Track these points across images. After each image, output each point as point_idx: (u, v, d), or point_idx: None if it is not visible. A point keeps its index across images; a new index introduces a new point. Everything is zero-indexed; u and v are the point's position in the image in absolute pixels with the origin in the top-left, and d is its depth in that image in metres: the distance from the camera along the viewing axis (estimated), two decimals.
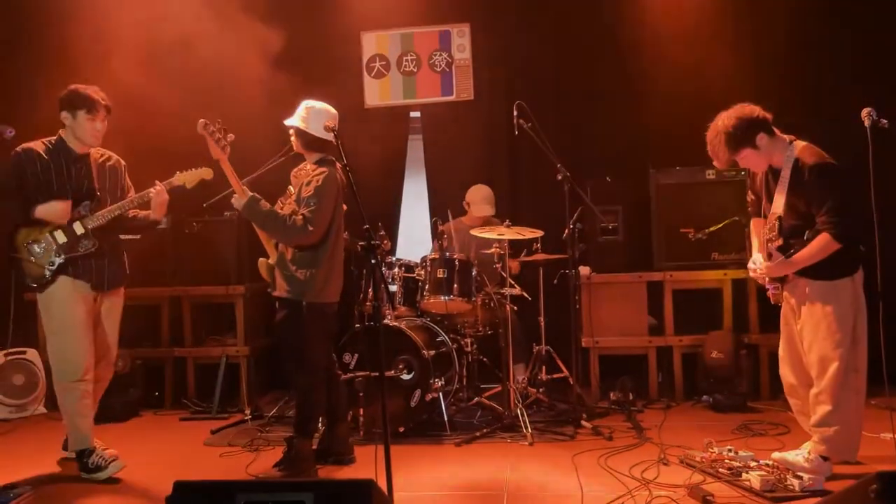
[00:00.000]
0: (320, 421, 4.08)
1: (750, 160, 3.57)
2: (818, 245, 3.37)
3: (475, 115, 6.16)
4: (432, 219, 5.48)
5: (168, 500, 2.35)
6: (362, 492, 2.29)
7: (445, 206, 5.83)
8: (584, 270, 5.26)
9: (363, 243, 3.10)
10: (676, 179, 5.32)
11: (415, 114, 6.30)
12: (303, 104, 3.90)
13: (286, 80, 5.53)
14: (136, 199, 4.05)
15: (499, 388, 4.93)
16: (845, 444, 3.46)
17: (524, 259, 5.24)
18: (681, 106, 5.48)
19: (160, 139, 5.47)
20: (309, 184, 3.77)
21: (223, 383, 5.35)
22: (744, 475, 3.39)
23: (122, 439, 4.60)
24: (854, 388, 3.43)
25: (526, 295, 5.12)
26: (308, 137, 3.84)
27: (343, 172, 3.77)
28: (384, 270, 4.77)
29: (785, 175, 3.48)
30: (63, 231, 3.90)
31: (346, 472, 3.90)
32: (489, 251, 5.01)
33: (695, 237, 5.10)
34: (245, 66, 6.01)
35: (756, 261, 3.63)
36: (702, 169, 5.22)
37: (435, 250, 4.93)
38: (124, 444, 4.45)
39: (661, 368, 5.34)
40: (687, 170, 5.30)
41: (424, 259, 4.86)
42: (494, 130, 6.00)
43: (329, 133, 3.62)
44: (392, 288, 4.79)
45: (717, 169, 5.11)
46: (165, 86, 5.83)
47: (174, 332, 5.69)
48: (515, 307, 5.13)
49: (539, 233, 4.87)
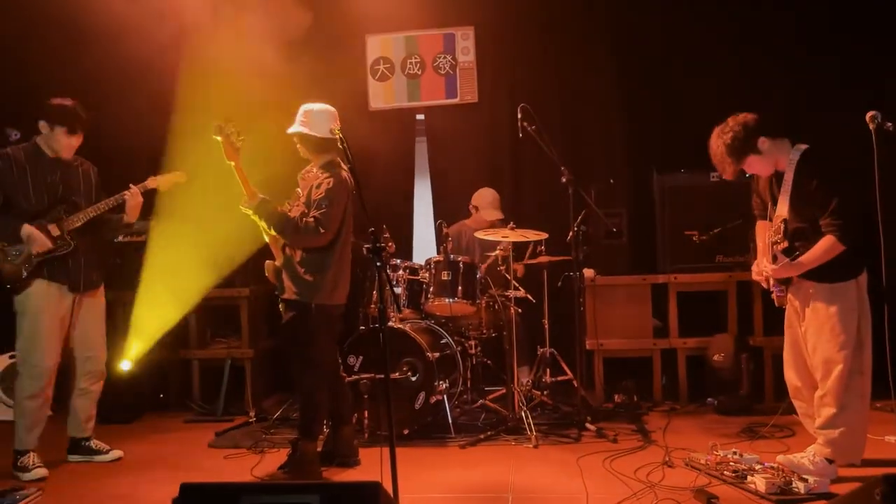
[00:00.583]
0: (325, 423, 4.08)
1: (756, 166, 3.57)
2: (823, 247, 3.37)
3: (479, 118, 6.16)
4: (436, 221, 5.48)
5: (174, 502, 2.35)
6: (368, 494, 2.30)
7: (450, 209, 5.86)
8: (589, 273, 5.26)
9: (368, 246, 3.10)
10: (680, 182, 5.32)
11: (419, 116, 6.31)
12: (301, 109, 3.89)
13: (290, 83, 5.54)
14: (112, 202, 4.14)
15: (503, 391, 4.94)
16: (850, 447, 3.45)
17: (528, 262, 5.24)
18: (685, 109, 5.48)
19: (161, 140, 5.50)
20: (319, 186, 3.78)
21: (228, 385, 5.36)
22: (749, 478, 3.39)
23: (127, 441, 4.62)
24: (859, 391, 3.43)
25: (530, 297, 5.13)
26: (313, 140, 3.84)
27: (349, 174, 3.77)
28: (388, 272, 4.78)
29: (788, 178, 3.48)
30: (39, 232, 3.97)
31: (352, 475, 3.90)
32: (493, 254, 5.01)
33: (699, 239, 5.10)
34: (248, 69, 6.03)
35: (761, 264, 3.63)
36: (706, 172, 5.20)
37: (439, 253, 4.94)
38: (129, 446, 4.49)
39: (666, 371, 5.34)
40: (691, 172, 5.29)
41: (429, 261, 4.87)
42: (498, 133, 6.01)
43: (334, 135, 3.62)
44: (396, 290, 4.79)
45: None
46: (166, 86, 5.86)
47: (179, 334, 5.69)
48: (520, 309, 5.13)
49: (543, 235, 4.87)
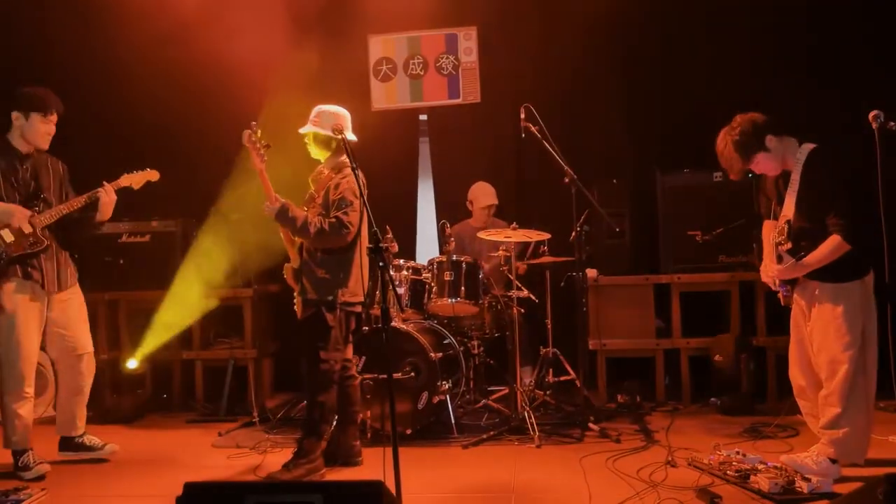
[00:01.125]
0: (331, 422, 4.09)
1: (764, 164, 3.56)
2: (829, 247, 3.36)
3: (482, 118, 6.17)
4: (439, 221, 5.49)
5: (179, 501, 2.36)
6: (371, 493, 2.30)
7: (452, 209, 5.86)
8: (591, 273, 5.26)
9: (371, 246, 3.10)
10: (683, 182, 5.32)
11: (422, 117, 6.31)
12: (315, 109, 3.92)
13: (293, 84, 5.55)
14: (84, 199, 4.10)
15: (506, 391, 4.94)
16: (854, 447, 3.45)
17: (531, 262, 5.24)
18: (688, 108, 5.48)
19: (164, 140, 5.52)
20: (337, 187, 3.81)
21: (231, 385, 5.37)
22: (752, 478, 3.38)
23: (131, 440, 4.64)
24: (863, 391, 3.43)
25: (533, 297, 5.13)
26: (323, 140, 3.87)
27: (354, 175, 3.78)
28: (391, 273, 4.78)
29: (795, 178, 3.48)
30: (10, 230, 3.93)
31: (355, 474, 3.91)
32: (497, 254, 5.01)
33: (702, 239, 5.09)
34: (251, 69, 6.04)
35: (767, 264, 3.63)
36: (709, 171, 5.22)
37: (442, 253, 4.94)
38: (133, 446, 4.50)
39: (669, 371, 5.34)
40: (694, 172, 5.29)
41: (432, 261, 4.87)
42: (501, 133, 6.01)
43: (337, 134, 3.64)
44: (399, 290, 4.79)
45: (725, 172, 5.13)
46: (167, 87, 5.88)
47: (182, 335, 5.71)
48: (522, 310, 5.13)
49: (546, 235, 4.87)
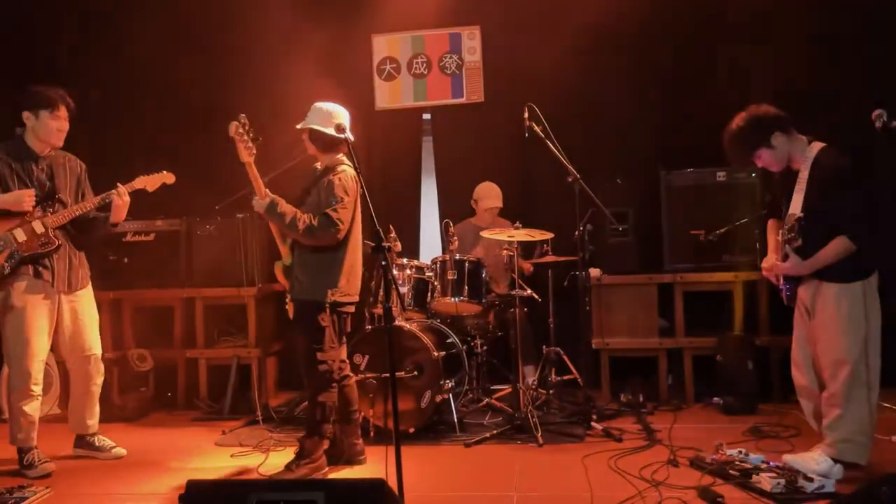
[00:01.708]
0: (332, 421, 4.10)
1: (766, 160, 3.56)
2: (835, 246, 3.36)
3: (485, 118, 6.16)
4: (442, 220, 5.50)
5: (181, 499, 2.38)
6: (373, 491, 2.32)
7: (456, 208, 5.87)
8: (595, 272, 5.26)
9: (373, 244, 3.11)
10: (687, 181, 5.30)
11: (425, 116, 6.32)
12: (313, 106, 3.91)
13: (296, 83, 5.57)
14: (98, 201, 4.11)
15: (509, 390, 4.94)
16: (856, 447, 3.44)
17: (534, 261, 5.24)
18: (692, 107, 5.47)
19: (168, 140, 5.54)
20: (328, 184, 3.79)
21: (235, 384, 5.39)
22: (754, 477, 3.38)
23: (135, 438, 4.66)
24: (866, 392, 3.42)
25: (536, 296, 5.13)
26: (324, 138, 3.85)
27: (356, 173, 3.78)
28: (394, 272, 4.79)
29: (803, 176, 3.47)
30: (23, 229, 3.96)
31: (357, 473, 3.92)
32: (502, 252, 5.01)
33: (705, 239, 5.09)
34: (254, 69, 6.07)
35: (771, 261, 3.62)
36: (713, 171, 5.21)
37: (445, 252, 4.95)
38: (137, 444, 4.52)
39: (672, 370, 5.33)
40: (698, 171, 5.29)
41: (435, 260, 4.88)
42: (505, 132, 5.99)
43: (341, 133, 3.63)
44: (402, 289, 4.80)
45: (730, 171, 5.14)
46: (172, 86, 5.90)
47: (187, 334, 5.74)
48: (525, 309, 5.13)
49: (549, 234, 4.87)
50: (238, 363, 5.45)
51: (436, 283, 4.80)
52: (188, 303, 5.71)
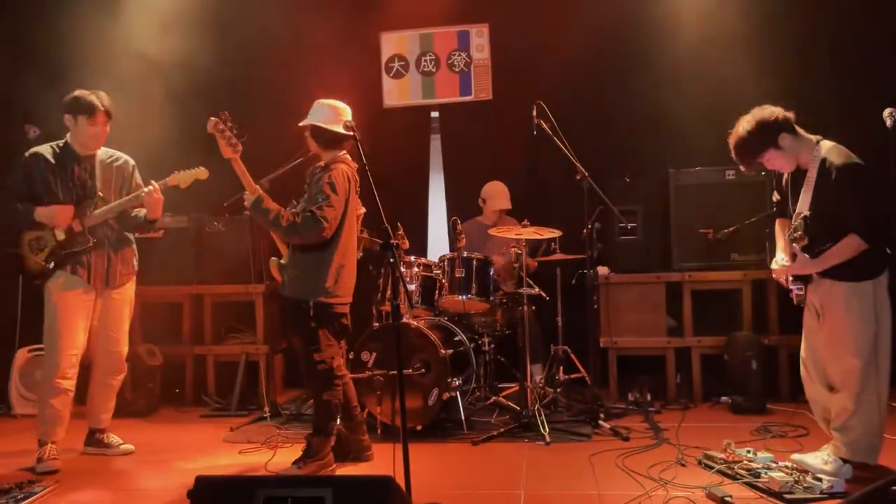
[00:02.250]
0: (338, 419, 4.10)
1: (775, 161, 3.54)
2: (844, 245, 3.33)
3: (493, 115, 6.16)
4: (450, 218, 5.50)
5: (189, 495, 2.38)
6: (380, 488, 2.31)
7: (464, 206, 5.86)
8: (603, 270, 5.25)
9: (381, 242, 3.11)
10: (696, 180, 5.29)
11: (434, 114, 6.32)
12: (316, 103, 3.92)
13: (305, 81, 5.57)
14: (131, 199, 4.18)
15: (516, 388, 4.94)
16: (866, 447, 3.42)
17: (542, 259, 5.24)
18: (701, 105, 5.44)
19: (173, 139, 5.55)
20: (319, 181, 3.78)
21: (242, 381, 5.41)
22: (763, 477, 3.37)
23: (144, 434, 4.68)
24: (875, 391, 3.40)
25: (544, 295, 5.12)
26: (326, 135, 3.84)
27: (361, 171, 3.78)
28: (402, 269, 4.79)
29: (811, 175, 3.44)
30: (61, 228, 4.07)
31: (365, 469, 3.92)
32: (507, 251, 5.01)
33: (714, 238, 5.07)
34: (263, 67, 6.07)
35: (779, 260, 3.61)
36: (722, 169, 5.19)
37: (453, 250, 4.95)
38: (146, 439, 4.54)
39: (680, 369, 5.32)
40: (707, 170, 5.27)
41: (442, 258, 4.88)
42: (513, 130, 5.99)
43: (349, 130, 3.62)
44: (410, 287, 4.80)
45: (739, 170, 5.10)
46: (180, 85, 5.90)
47: (195, 330, 5.76)
48: (533, 307, 5.13)
49: (557, 233, 4.86)
50: (246, 360, 5.47)
51: (444, 281, 4.79)
52: (197, 299, 5.74)
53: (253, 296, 5.59)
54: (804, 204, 3.47)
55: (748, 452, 3.60)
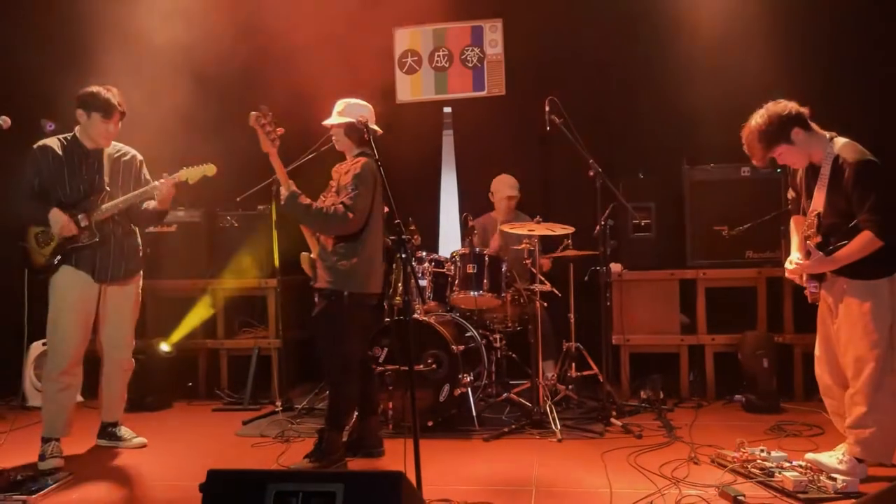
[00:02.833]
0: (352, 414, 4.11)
1: (787, 156, 3.51)
2: (859, 243, 3.30)
3: (507, 111, 6.14)
4: (462, 214, 5.49)
5: (201, 488, 2.39)
6: (392, 484, 2.31)
7: (476, 202, 5.85)
8: (616, 267, 5.23)
9: (393, 237, 3.11)
10: (711, 176, 5.26)
11: (446, 109, 6.30)
12: (340, 102, 3.95)
13: (318, 76, 5.56)
14: (139, 194, 4.17)
15: (528, 385, 4.92)
16: (881, 447, 3.39)
17: (555, 255, 5.21)
18: (716, 101, 5.40)
19: (179, 135, 5.57)
20: (347, 172, 3.82)
21: (255, 375, 5.43)
22: (776, 476, 3.35)
23: (157, 428, 4.71)
24: (890, 390, 3.36)
25: (556, 291, 5.10)
26: (354, 131, 3.88)
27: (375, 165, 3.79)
28: (414, 265, 4.78)
29: (825, 172, 3.41)
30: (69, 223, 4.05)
31: (376, 464, 3.93)
32: (519, 247, 5.00)
33: (729, 235, 5.03)
34: (276, 61, 6.07)
35: (794, 259, 3.58)
36: (737, 166, 5.15)
37: (465, 245, 4.94)
38: (158, 433, 4.57)
39: (693, 367, 5.29)
40: (722, 166, 5.24)
41: (454, 254, 4.87)
42: (526, 126, 5.97)
43: (360, 125, 3.64)
44: (421, 282, 4.80)
45: (754, 166, 5.06)
46: (193, 81, 5.92)
47: (208, 324, 5.78)
48: (545, 303, 5.11)
49: (570, 229, 4.84)
50: (258, 354, 5.49)
51: (455, 277, 4.79)
52: (209, 294, 5.75)
53: (265, 290, 5.61)
54: (818, 201, 3.44)
55: (762, 451, 3.57)
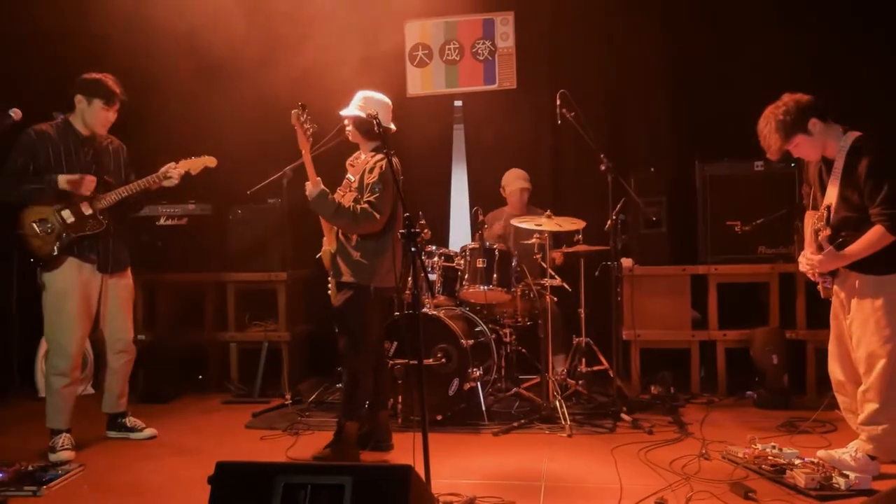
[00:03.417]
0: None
1: (803, 148, 3.47)
2: (872, 238, 3.27)
3: (518, 105, 6.11)
4: (472, 208, 5.48)
5: (210, 480, 2.39)
6: (400, 477, 2.30)
7: (486, 196, 5.83)
8: (627, 262, 5.20)
9: (403, 231, 3.10)
10: (723, 171, 5.21)
11: (457, 103, 6.28)
12: (359, 94, 3.94)
13: (329, 68, 5.55)
14: (144, 184, 4.16)
15: (537, 380, 4.91)
16: (893, 443, 3.36)
17: (566, 250, 5.19)
18: (729, 96, 5.36)
19: (186, 129, 5.57)
20: (372, 171, 3.81)
21: (265, 368, 5.44)
22: (788, 472, 3.32)
23: (166, 420, 4.72)
24: None
25: (566, 286, 5.08)
26: (367, 126, 3.86)
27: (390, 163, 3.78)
28: (423, 259, 4.78)
29: (838, 165, 3.38)
30: (70, 211, 4.02)
31: (385, 458, 3.93)
32: (530, 241, 4.98)
33: (742, 230, 5.00)
34: (287, 54, 6.06)
35: (806, 254, 3.54)
36: (750, 160, 5.11)
37: (475, 240, 4.93)
38: (168, 425, 4.58)
39: (705, 363, 5.26)
40: (734, 161, 5.19)
41: (464, 248, 4.86)
42: (537, 120, 5.95)
43: (371, 118, 3.63)
44: (431, 277, 4.79)
45: (767, 161, 5.02)
46: (200, 74, 5.92)
47: (218, 317, 5.80)
48: (556, 298, 5.09)
49: (580, 224, 4.82)
50: (268, 347, 5.50)
51: (465, 272, 4.77)
52: (220, 286, 5.77)
53: (275, 283, 5.61)
54: (831, 195, 3.42)
55: (773, 448, 3.55)
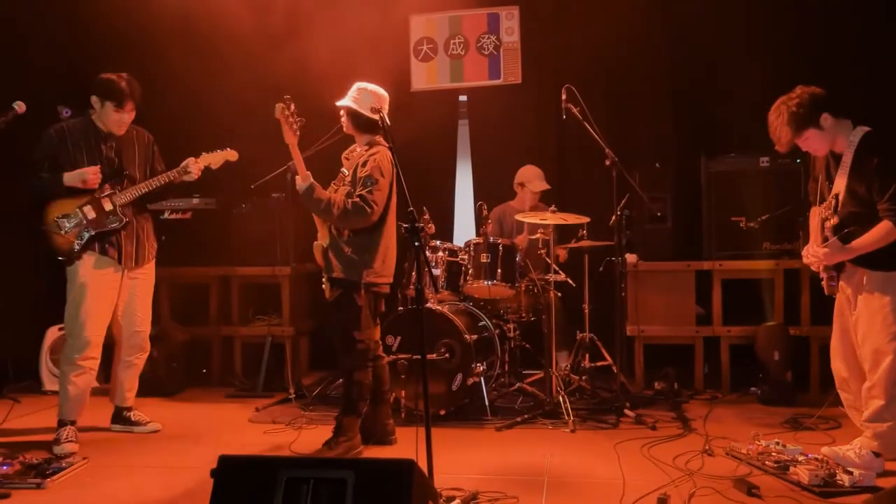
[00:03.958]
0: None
1: (812, 142, 3.46)
2: (879, 233, 3.26)
3: (523, 99, 6.09)
4: (477, 203, 5.47)
5: (213, 474, 2.39)
6: (403, 472, 2.31)
7: (491, 191, 5.82)
8: (631, 258, 5.19)
9: (407, 226, 3.10)
10: (729, 167, 5.19)
11: (462, 97, 6.26)
12: (355, 85, 3.91)
13: (333, 63, 5.55)
14: (165, 179, 4.18)
15: (541, 375, 4.91)
16: None
17: (570, 245, 5.18)
18: (735, 92, 5.33)
19: (188, 124, 5.57)
20: (365, 164, 3.79)
21: (268, 362, 5.44)
22: (791, 469, 3.32)
23: (170, 413, 4.74)
24: None
25: (570, 281, 5.07)
26: (360, 118, 3.85)
27: (391, 155, 3.77)
28: (427, 254, 4.77)
29: (846, 160, 3.37)
30: (92, 206, 4.06)
31: (388, 453, 3.93)
32: (534, 237, 4.97)
33: (747, 226, 4.98)
34: (291, 48, 6.05)
35: (811, 248, 3.53)
36: (755, 156, 5.09)
37: (479, 235, 4.92)
38: (172, 418, 4.60)
39: (708, 359, 5.25)
40: (740, 157, 5.17)
41: (468, 243, 4.85)
42: (542, 115, 5.93)
43: (375, 114, 3.62)
44: (435, 272, 4.78)
45: (773, 157, 5.01)
46: (209, 69, 5.91)
47: (222, 311, 5.80)
48: (559, 293, 5.08)
49: (584, 219, 4.80)
50: (272, 341, 5.50)
51: (469, 267, 4.77)
52: (224, 281, 5.78)
53: (279, 278, 5.62)
54: (839, 188, 3.41)
55: (777, 444, 3.54)
